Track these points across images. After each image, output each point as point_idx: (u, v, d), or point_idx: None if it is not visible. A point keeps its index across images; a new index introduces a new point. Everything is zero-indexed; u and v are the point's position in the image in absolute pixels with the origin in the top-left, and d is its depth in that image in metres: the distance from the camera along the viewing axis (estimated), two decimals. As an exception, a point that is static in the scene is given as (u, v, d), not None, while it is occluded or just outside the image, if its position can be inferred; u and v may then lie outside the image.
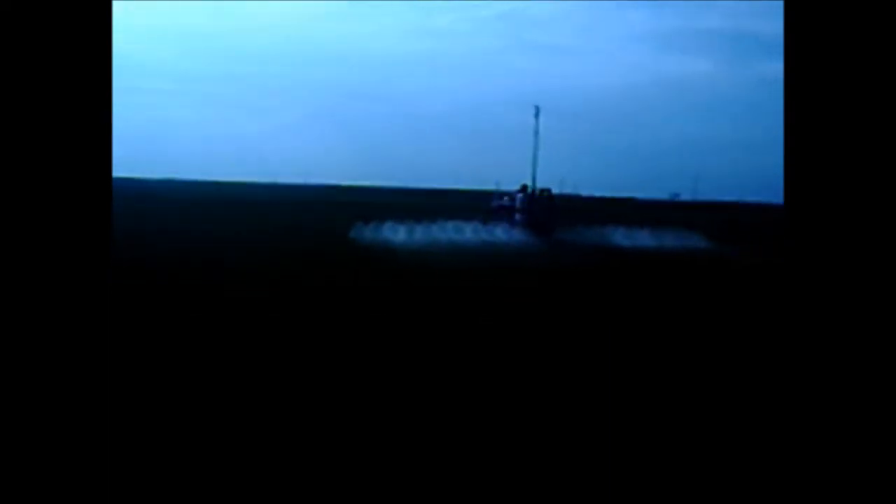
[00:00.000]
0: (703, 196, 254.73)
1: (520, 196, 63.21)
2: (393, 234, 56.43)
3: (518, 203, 62.90)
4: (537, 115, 64.20)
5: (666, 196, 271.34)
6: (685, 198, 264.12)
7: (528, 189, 63.40)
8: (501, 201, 64.75)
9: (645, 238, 60.63)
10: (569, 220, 64.43)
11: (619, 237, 60.68)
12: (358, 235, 55.57)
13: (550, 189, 65.47)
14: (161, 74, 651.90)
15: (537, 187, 63.89)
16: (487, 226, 61.38)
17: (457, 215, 63.74)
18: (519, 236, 59.30)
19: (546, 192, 64.53)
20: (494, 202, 65.25)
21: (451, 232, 58.80)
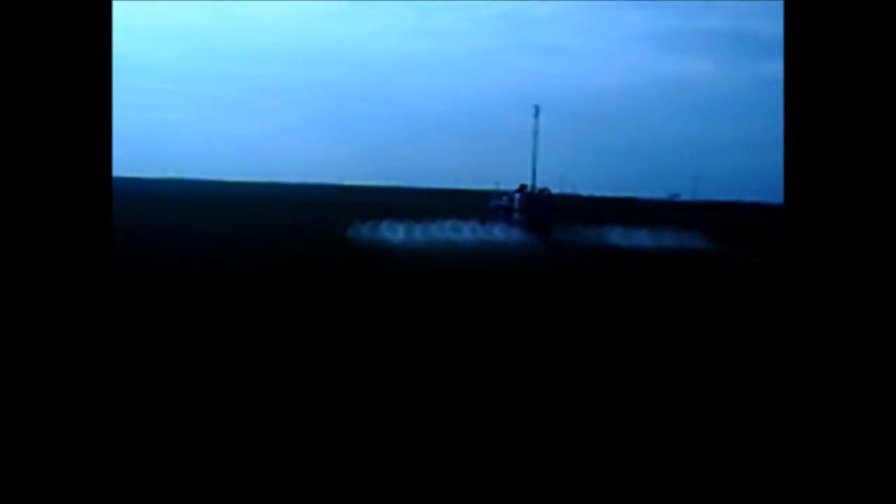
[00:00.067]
0: (703, 196, 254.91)
1: (518, 196, 63.18)
2: (392, 234, 56.50)
3: (516, 203, 62.88)
4: (537, 115, 64.33)
5: (665, 196, 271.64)
6: (685, 198, 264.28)
7: (527, 189, 63.41)
8: (500, 201, 64.73)
9: (644, 238, 60.50)
10: (567, 220, 64.43)
11: (618, 237, 60.57)
12: (357, 235, 55.59)
13: (549, 189, 65.56)
14: (161, 74, 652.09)
15: (536, 187, 63.96)
16: (486, 225, 61.39)
17: (456, 215, 63.67)
18: (517, 236, 59.26)
19: (544, 191, 64.53)
20: (493, 202, 65.21)
21: (450, 231, 58.80)
